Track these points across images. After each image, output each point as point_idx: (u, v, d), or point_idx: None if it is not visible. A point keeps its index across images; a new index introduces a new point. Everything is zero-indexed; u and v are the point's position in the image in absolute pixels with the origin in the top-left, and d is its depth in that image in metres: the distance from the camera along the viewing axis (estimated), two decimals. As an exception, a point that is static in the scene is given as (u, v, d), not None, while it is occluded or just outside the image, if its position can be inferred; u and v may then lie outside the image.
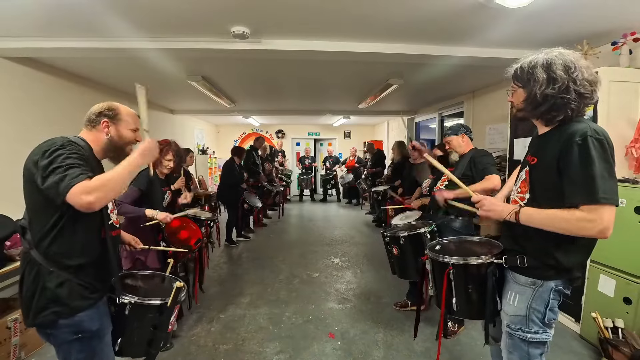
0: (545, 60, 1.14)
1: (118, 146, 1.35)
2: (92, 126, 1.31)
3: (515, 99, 1.27)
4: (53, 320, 1.14)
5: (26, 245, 1.17)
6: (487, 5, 2.11)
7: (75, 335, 1.16)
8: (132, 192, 2.28)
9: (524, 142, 3.09)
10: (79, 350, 1.18)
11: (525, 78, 1.18)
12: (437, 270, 1.58)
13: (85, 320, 1.18)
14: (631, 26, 2.42)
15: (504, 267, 1.34)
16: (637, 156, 2.33)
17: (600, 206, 1.02)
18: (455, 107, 5.68)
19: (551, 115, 1.16)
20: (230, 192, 5.01)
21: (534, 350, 1.27)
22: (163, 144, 2.50)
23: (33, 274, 1.14)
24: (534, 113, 1.21)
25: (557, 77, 1.10)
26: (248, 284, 3.52)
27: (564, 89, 1.10)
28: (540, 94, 1.13)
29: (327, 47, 2.85)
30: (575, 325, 2.53)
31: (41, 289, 1.13)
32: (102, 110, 1.32)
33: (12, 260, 2.38)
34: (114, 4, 2.13)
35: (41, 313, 1.13)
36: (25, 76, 3.16)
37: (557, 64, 1.11)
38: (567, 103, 1.11)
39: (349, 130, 10.64)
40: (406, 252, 2.30)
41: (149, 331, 1.37)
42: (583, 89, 1.10)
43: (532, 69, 1.16)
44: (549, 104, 1.14)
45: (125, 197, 2.25)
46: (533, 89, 1.15)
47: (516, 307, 1.28)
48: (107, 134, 1.32)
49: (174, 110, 6.71)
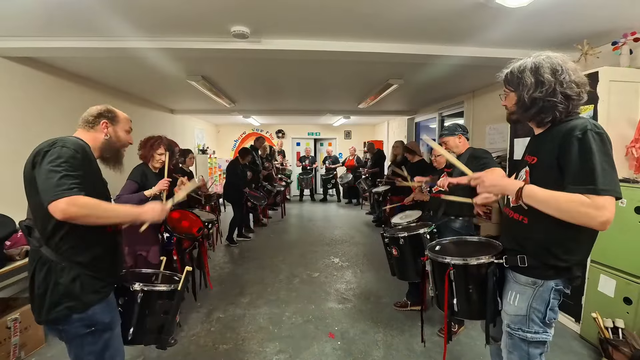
0: (533, 64, 1.17)
1: (114, 147, 1.42)
2: (91, 127, 1.37)
3: (508, 103, 1.30)
4: (66, 315, 1.17)
5: (35, 244, 1.19)
6: (487, 4, 2.10)
7: (89, 329, 1.20)
8: (130, 185, 2.34)
9: (524, 142, 3.08)
10: (91, 343, 1.21)
11: (515, 82, 1.22)
12: (437, 271, 1.58)
13: (98, 313, 1.21)
14: (631, 26, 2.41)
15: (505, 267, 1.34)
16: (638, 156, 2.32)
17: (602, 197, 1.02)
18: (455, 107, 5.68)
19: (540, 118, 1.19)
20: (235, 191, 5.06)
21: (534, 350, 1.27)
22: (154, 138, 2.53)
23: (44, 270, 1.16)
24: (525, 116, 1.24)
25: (545, 80, 1.13)
26: (248, 283, 3.52)
27: (550, 91, 1.13)
28: (529, 98, 1.16)
29: (327, 47, 2.85)
30: (575, 325, 2.53)
31: (54, 285, 1.16)
32: (102, 111, 1.39)
33: (12, 260, 2.38)
34: (114, 3, 2.12)
35: (55, 308, 1.16)
36: (25, 76, 3.16)
37: (545, 67, 1.14)
38: (554, 106, 1.14)
39: (349, 130, 10.64)
40: (405, 253, 2.29)
41: (160, 317, 1.41)
42: (570, 91, 1.13)
43: (520, 73, 1.19)
44: (538, 107, 1.16)
45: (122, 190, 2.28)
46: (522, 92, 1.18)
47: (516, 307, 1.28)
48: (106, 134, 1.38)
49: (174, 110, 6.71)
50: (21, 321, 2.23)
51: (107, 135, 1.38)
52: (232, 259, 4.43)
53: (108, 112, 1.41)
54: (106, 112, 1.40)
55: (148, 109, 5.75)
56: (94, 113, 1.38)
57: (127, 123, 1.48)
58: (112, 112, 1.42)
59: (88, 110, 1.40)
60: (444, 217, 2.39)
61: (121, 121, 1.45)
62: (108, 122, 1.39)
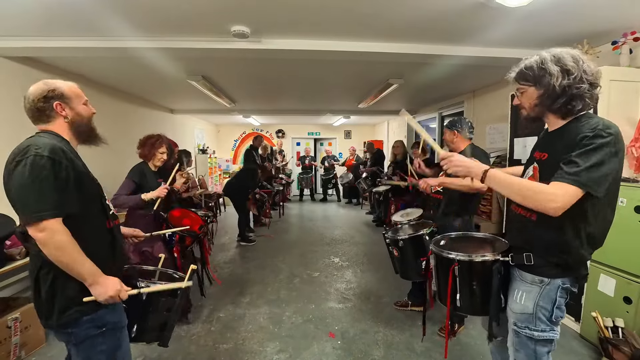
0: (552, 56, 1.18)
1: (82, 126, 1.23)
2: (47, 117, 1.17)
3: (526, 99, 1.27)
4: (77, 318, 1.13)
5: (35, 248, 1.12)
6: (487, 4, 2.10)
7: (99, 330, 1.17)
8: (128, 184, 2.33)
9: (524, 141, 3.09)
10: (102, 343, 1.18)
11: (537, 75, 1.20)
12: (441, 266, 1.57)
13: (108, 313, 1.19)
14: (631, 25, 2.42)
15: (510, 264, 1.33)
16: (637, 155, 2.33)
17: (568, 185, 1.05)
18: (455, 107, 5.68)
19: (571, 106, 1.17)
20: (239, 193, 5.11)
21: (541, 348, 1.27)
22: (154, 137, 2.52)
23: (50, 275, 1.11)
24: (552, 107, 1.20)
25: (570, 69, 1.13)
26: (248, 283, 3.53)
27: (579, 79, 1.13)
28: (559, 86, 1.15)
29: (327, 47, 2.85)
30: (575, 325, 2.53)
31: (62, 289, 1.12)
32: (46, 94, 1.15)
33: (12, 260, 2.38)
34: (114, 3, 2.12)
35: (65, 312, 1.12)
36: (24, 76, 3.16)
37: (566, 57, 1.15)
38: (583, 93, 1.14)
39: (349, 130, 10.64)
40: (405, 254, 2.28)
41: (163, 315, 1.40)
42: (593, 79, 1.14)
43: (543, 65, 1.18)
44: (568, 96, 1.15)
45: (120, 189, 2.26)
46: (550, 82, 1.16)
47: (523, 305, 1.28)
48: (65, 116, 1.19)
49: (174, 110, 6.71)
50: (21, 321, 2.23)
51: (67, 117, 1.19)
52: (231, 258, 4.43)
53: (52, 91, 1.16)
54: (50, 92, 1.16)
55: (148, 109, 5.75)
56: (38, 98, 1.14)
57: (75, 93, 1.23)
58: (56, 90, 1.17)
59: (26, 96, 1.15)
60: (443, 217, 2.40)
61: (70, 95, 1.21)
62: (61, 102, 1.18)
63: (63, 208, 1.07)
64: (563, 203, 1.05)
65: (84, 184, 1.16)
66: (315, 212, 7.93)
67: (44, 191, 1.03)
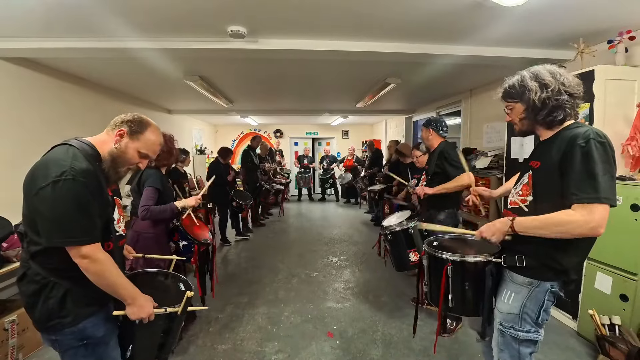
0: (531, 73, 1.25)
1: (117, 160, 1.21)
2: (112, 129, 1.23)
3: (515, 115, 1.35)
4: (58, 328, 1.12)
5: (24, 255, 1.12)
6: (484, 3, 2.11)
7: (81, 342, 1.15)
8: (153, 193, 2.20)
9: (521, 140, 3.10)
10: (84, 356, 1.16)
11: (519, 92, 1.28)
12: (433, 266, 1.58)
13: (88, 328, 1.15)
14: (627, 24, 2.43)
15: (502, 265, 1.35)
16: (633, 154, 2.34)
17: (594, 205, 1.07)
18: (453, 106, 5.69)
19: (552, 117, 1.23)
20: (219, 192, 4.89)
21: (525, 349, 1.30)
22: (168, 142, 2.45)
23: (34, 284, 1.10)
24: (537, 119, 1.28)
25: (548, 82, 1.21)
26: (246, 283, 3.52)
27: (556, 91, 1.20)
28: (539, 99, 1.22)
29: (324, 47, 2.85)
30: (572, 323, 2.55)
31: (44, 298, 1.10)
32: (128, 119, 1.23)
33: (9, 262, 2.37)
34: (112, 4, 2.12)
35: (47, 322, 1.11)
36: (24, 78, 3.14)
37: (543, 73, 1.23)
38: (562, 104, 1.21)
39: (347, 129, 10.64)
40: (394, 247, 2.49)
41: (159, 336, 1.34)
42: (572, 89, 1.21)
43: (522, 82, 1.26)
44: (548, 108, 1.22)
45: (147, 200, 2.16)
46: (530, 97, 1.23)
47: (510, 306, 1.30)
48: (116, 143, 1.21)
49: (172, 110, 6.69)
50: (19, 323, 2.23)
51: (116, 144, 1.20)
52: (230, 259, 4.43)
53: (133, 123, 1.21)
54: (132, 122, 1.21)
55: (146, 110, 5.73)
56: (125, 119, 1.23)
57: (149, 146, 1.26)
58: (137, 124, 1.22)
59: (126, 114, 1.25)
60: (427, 211, 2.56)
61: (142, 140, 1.24)
62: (127, 132, 1.20)
63: (97, 232, 1.11)
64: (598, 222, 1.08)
65: (104, 209, 1.19)
66: (313, 211, 7.93)
67: (82, 216, 1.06)
